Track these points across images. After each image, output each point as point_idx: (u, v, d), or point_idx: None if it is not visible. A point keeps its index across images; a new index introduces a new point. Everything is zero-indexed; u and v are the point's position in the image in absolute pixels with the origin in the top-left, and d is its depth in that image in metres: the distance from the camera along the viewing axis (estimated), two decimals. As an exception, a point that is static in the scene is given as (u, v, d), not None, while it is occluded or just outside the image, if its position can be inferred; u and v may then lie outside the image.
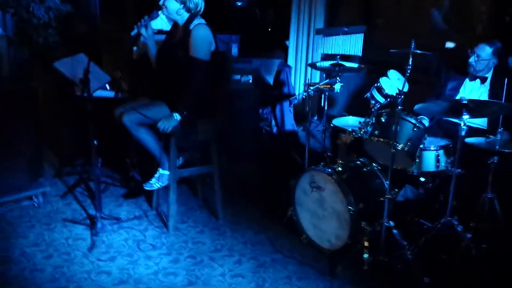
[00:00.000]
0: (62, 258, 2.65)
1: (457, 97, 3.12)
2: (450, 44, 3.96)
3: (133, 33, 2.91)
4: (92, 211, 3.18)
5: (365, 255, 2.52)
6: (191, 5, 2.85)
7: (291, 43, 4.94)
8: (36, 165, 3.61)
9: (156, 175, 2.99)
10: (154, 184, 3.00)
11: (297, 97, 4.68)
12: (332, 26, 4.83)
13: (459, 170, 2.53)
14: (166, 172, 2.96)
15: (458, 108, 2.44)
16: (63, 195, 3.44)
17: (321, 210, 2.73)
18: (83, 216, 3.13)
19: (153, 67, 3.10)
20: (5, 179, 3.29)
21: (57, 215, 3.15)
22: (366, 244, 2.53)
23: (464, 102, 2.41)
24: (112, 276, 2.51)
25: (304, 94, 3.37)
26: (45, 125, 3.94)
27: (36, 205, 3.26)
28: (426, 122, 3.06)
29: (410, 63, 2.46)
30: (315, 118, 4.73)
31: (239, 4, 5.69)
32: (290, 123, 4.56)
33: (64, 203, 3.33)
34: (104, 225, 2.97)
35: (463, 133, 2.45)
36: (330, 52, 4.74)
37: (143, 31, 2.92)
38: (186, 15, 2.89)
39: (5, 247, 2.72)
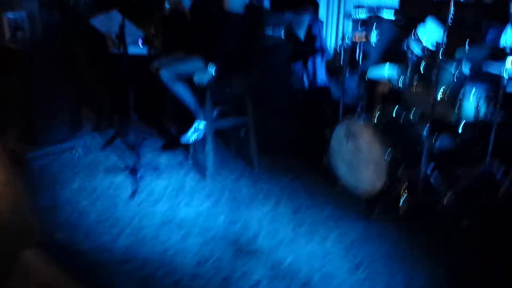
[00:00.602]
0: (106, 204, 2.76)
1: (500, 45, 3.03)
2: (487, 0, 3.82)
3: None
4: (131, 162, 3.28)
5: (402, 200, 2.54)
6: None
7: (322, -5, 4.80)
8: (76, 120, 3.76)
9: (192, 128, 3.05)
10: (191, 136, 3.06)
11: (329, 51, 4.60)
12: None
13: (499, 119, 2.49)
14: (202, 123, 3.01)
15: (501, 55, 2.38)
16: (103, 146, 3.55)
17: (357, 158, 2.75)
18: (123, 166, 3.24)
19: (187, 20, 3.10)
20: (48, 132, 3.45)
21: (98, 165, 3.26)
22: (403, 189, 2.55)
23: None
24: (155, 219, 2.61)
25: (340, 46, 3.32)
26: (83, 82, 4.03)
27: (77, 156, 3.39)
28: (466, 70, 2.99)
29: (452, 12, 2.39)
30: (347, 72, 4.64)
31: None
32: (322, 78, 4.51)
33: (104, 155, 3.44)
34: (144, 173, 3.08)
35: (504, 83, 2.40)
36: (364, 4, 4.62)
37: None
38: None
39: (51, 195, 2.85)
